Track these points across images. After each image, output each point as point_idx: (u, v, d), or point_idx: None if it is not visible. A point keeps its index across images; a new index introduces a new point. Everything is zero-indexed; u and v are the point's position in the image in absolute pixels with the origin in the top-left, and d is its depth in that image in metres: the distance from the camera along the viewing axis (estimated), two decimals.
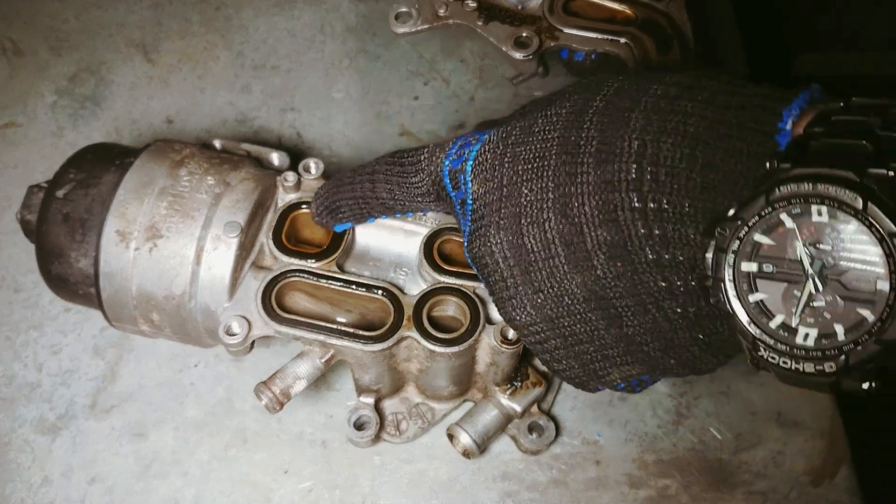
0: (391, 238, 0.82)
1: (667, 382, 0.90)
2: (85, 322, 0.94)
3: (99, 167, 0.81)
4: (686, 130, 0.60)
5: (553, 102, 0.69)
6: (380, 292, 0.77)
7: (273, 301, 0.76)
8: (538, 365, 0.86)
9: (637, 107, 0.63)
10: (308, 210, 0.81)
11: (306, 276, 0.78)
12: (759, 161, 0.57)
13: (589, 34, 0.96)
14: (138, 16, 1.16)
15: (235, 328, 0.76)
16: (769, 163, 0.56)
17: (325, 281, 0.78)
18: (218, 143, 0.88)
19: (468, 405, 0.85)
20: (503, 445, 0.86)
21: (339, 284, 0.78)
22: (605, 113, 0.65)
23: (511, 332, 0.75)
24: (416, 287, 0.79)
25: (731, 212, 0.57)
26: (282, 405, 0.76)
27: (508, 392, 0.83)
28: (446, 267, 0.79)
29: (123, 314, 0.81)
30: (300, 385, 0.77)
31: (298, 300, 0.78)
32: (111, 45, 1.14)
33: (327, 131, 1.07)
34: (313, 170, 0.83)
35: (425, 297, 0.77)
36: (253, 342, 0.77)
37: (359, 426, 0.82)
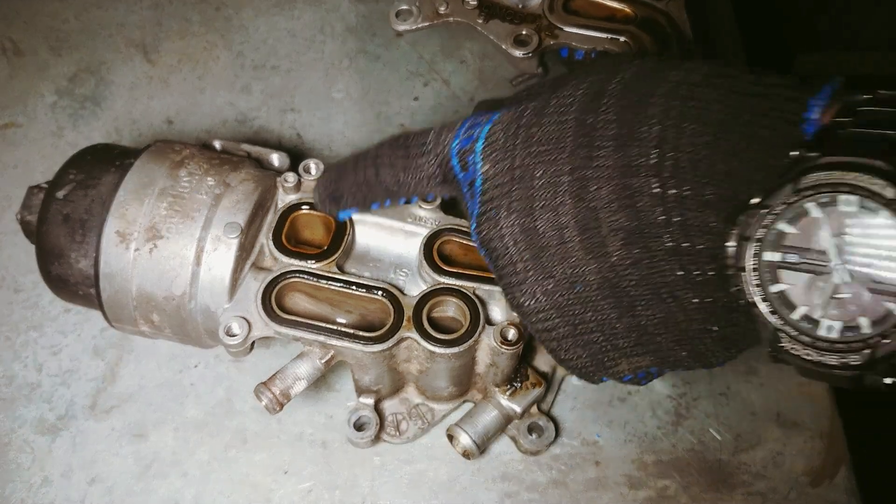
0: (391, 239, 0.82)
1: (666, 383, 0.90)
2: (85, 323, 0.94)
3: (99, 168, 0.81)
4: (709, 117, 0.59)
5: (566, 84, 0.67)
6: (380, 293, 0.78)
7: (273, 302, 0.76)
8: (538, 366, 0.86)
9: (657, 91, 0.62)
10: (308, 211, 0.81)
11: (306, 277, 0.78)
12: (784, 150, 0.56)
13: (589, 33, 0.96)
14: (138, 16, 1.16)
15: (235, 329, 0.76)
16: (797, 151, 0.55)
17: (325, 282, 0.78)
18: (218, 144, 0.88)
19: (468, 406, 0.85)
20: (503, 446, 0.87)
21: (339, 285, 0.78)
22: (623, 96, 0.63)
23: (511, 333, 0.75)
24: (416, 288, 0.79)
25: (756, 200, 0.56)
26: (282, 406, 0.76)
27: (508, 393, 0.83)
28: (446, 268, 0.79)
29: (123, 315, 0.81)
30: (300, 386, 0.77)
31: (298, 301, 0.78)
32: (111, 45, 1.14)
33: (327, 132, 1.07)
34: (313, 171, 0.83)
35: (425, 298, 0.77)
36: (253, 343, 0.77)
37: (359, 427, 0.82)
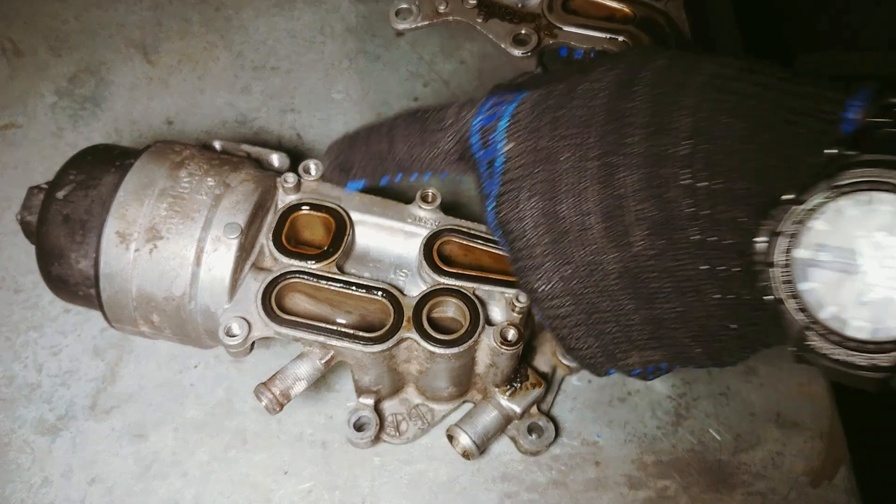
0: (391, 239, 0.82)
1: (666, 383, 0.90)
2: (85, 323, 0.94)
3: (99, 168, 0.81)
4: (743, 111, 0.58)
5: (595, 68, 0.66)
6: (380, 293, 0.78)
7: (273, 302, 0.76)
8: (538, 366, 0.86)
9: (691, 82, 0.61)
10: (308, 211, 0.81)
11: (306, 278, 0.78)
12: (820, 148, 0.55)
13: (588, 32, 0.96)
14: (138, 16, 1.16)
15: (235, 329, 0.76)
16: (834, 149, 0.54)
17: (325, 282, 0.78)
18: (218, 145, 0.88)
19: (468, 406, 0.85)
20: (503, 446, 0.87)
21: (339, 286, 0.78)
22: (656, 85, 0.62)
23: (511, 334, 0.75)
24: (416, 288, 0.79)
25: (789, 196, 0.55)
26: (282, 406, 0.77)
27: (508, 393, 0.83)
28: (446, 268, 0.79)
29: (123, 315, 0.81)
30: (300, 386, 0.77)
31: (298, 301, 0.79)
32: (111, 46, 1.14)
33: (327, 132, 1.07)
34: (313, 171, 0.83)
35: (425, 299, 0.77)
36: (253, 343, 0.77)
37: (358, 427, 0.82)
